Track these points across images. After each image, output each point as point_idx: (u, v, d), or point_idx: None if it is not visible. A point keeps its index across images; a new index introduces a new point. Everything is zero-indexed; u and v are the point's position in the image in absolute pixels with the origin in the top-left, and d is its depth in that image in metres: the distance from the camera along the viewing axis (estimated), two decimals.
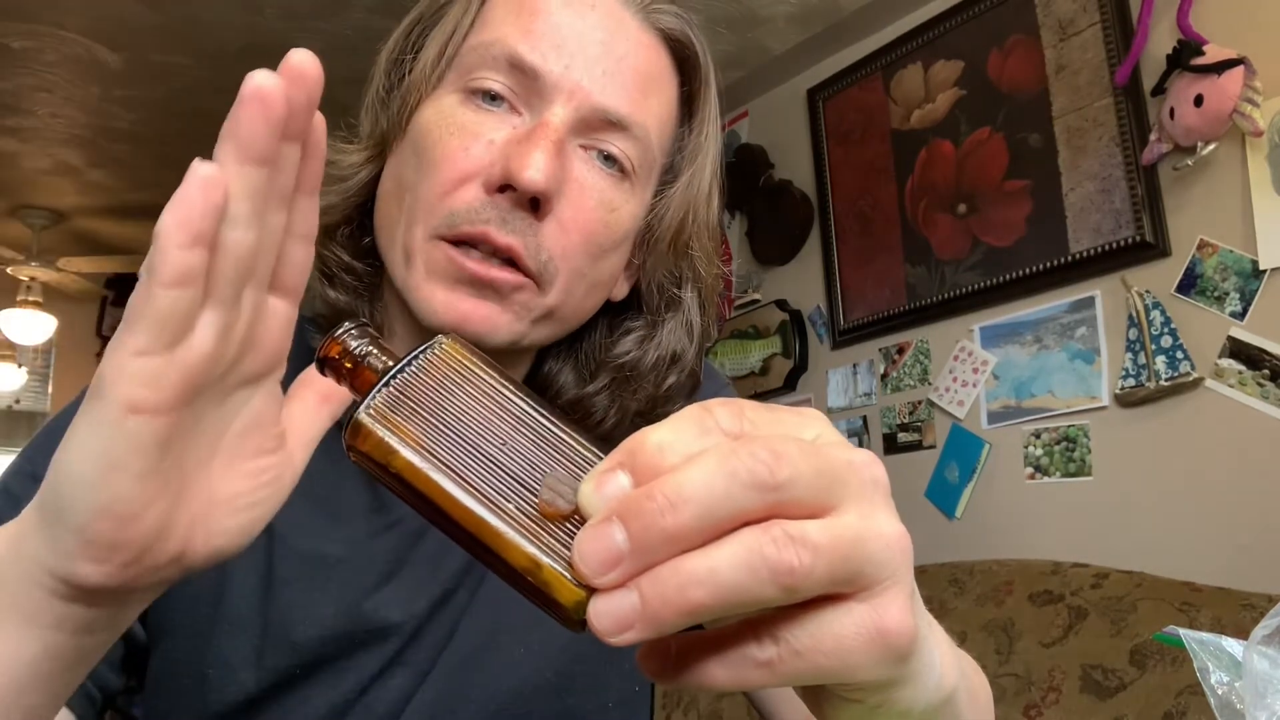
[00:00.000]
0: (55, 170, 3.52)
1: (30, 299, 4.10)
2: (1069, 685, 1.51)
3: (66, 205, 3.87)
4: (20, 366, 4.42)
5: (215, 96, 2.90)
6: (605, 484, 0.28)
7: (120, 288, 4.56)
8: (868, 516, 0.29)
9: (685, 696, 2.16)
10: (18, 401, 4.64)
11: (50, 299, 4.19)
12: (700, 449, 0.28)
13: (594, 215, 0.60)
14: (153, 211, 4.28)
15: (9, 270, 4.03)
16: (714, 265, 0.70)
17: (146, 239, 0.29)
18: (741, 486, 0.26)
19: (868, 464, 0.30)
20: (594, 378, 0.68)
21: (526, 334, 0.61)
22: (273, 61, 0.29)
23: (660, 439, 0.28)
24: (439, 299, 0.58)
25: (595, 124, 0.60)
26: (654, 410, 0.70)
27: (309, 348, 0.66)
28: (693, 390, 0.73)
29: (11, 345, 4.29)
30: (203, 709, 0.60)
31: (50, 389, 4.65)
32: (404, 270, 0.60)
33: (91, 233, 4.15)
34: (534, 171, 0.55)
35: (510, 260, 0.58)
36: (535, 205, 0.57)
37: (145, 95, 2.92)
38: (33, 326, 4.12)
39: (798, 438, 0.29)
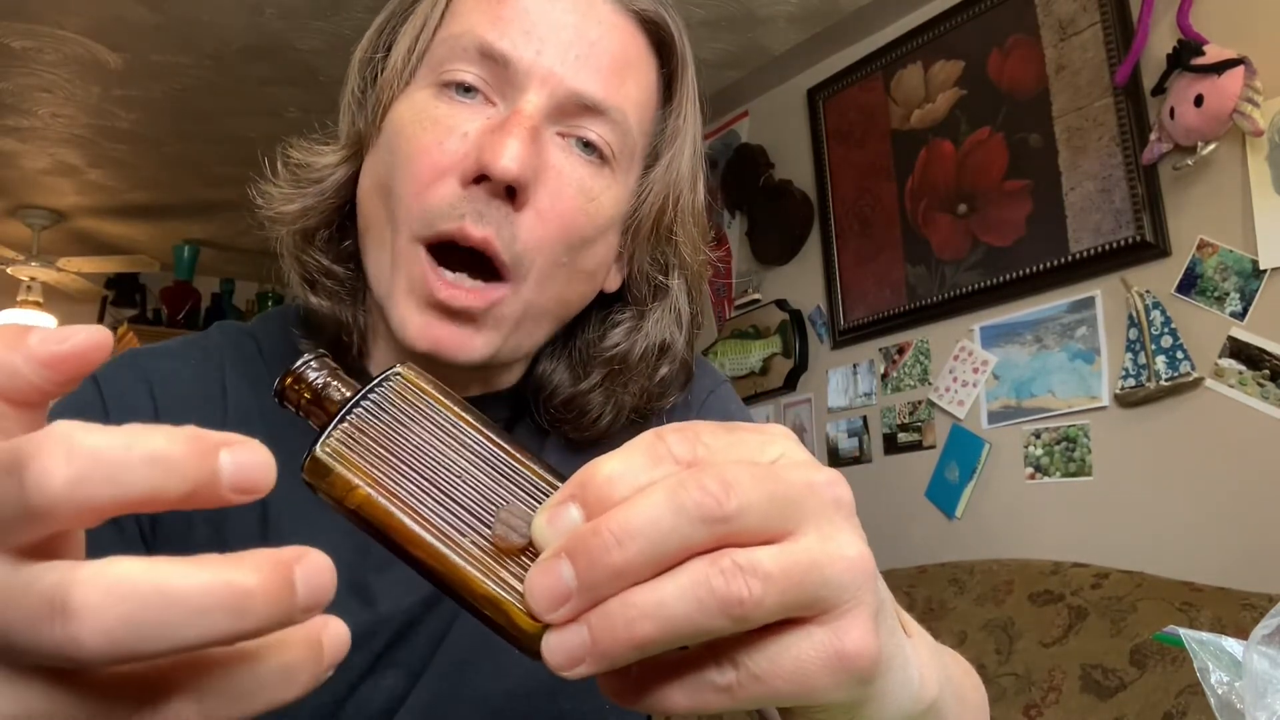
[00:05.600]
0: (55, 170, 3.52)
1: (30, 299, 4.10)
2: (1069, 685, 1.51)
3: (66, 205, 3.87)
4: None
5: (215, 96, 2.89)
6: (557, 518, 0.28)
7: (120, 287, 4.55)
8: (828, 539, 0.28)
9: None
10: None
11: (50, 299, 4.18)
12: (650, 479, 0.28)
13: (573, 204, 0.59)
14: (153, 211, 4.28)
15: (9, 270, 4.03)
16: (700, 252, 0.69)
17: (147, 239, 0.28)
18: (689, 520, 0.26)
19: (829, 484, 0.30)
20: (587, 374, 0.67)
21: (504, 346, 0.60)
22: (273, 62, 0.29)
23: (611, 470, 0.28)
24: (413, 323, 0.58)
25: (571, 110, 0.59)
26: (649, 404, 0.69)
27: (296, 350, 0.65)
28: (686, 382, 0.72)
29: None
30: None
31: None
32: (388, 278, 0.59)
33: (91, 233, 4.15)
34: (508, 160, 0.54)
35: (485, 257, 0.57)
36: (512, 194, 0.56)
37: (145, 95, 2.91)
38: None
39: (753, 462, 0.29)
